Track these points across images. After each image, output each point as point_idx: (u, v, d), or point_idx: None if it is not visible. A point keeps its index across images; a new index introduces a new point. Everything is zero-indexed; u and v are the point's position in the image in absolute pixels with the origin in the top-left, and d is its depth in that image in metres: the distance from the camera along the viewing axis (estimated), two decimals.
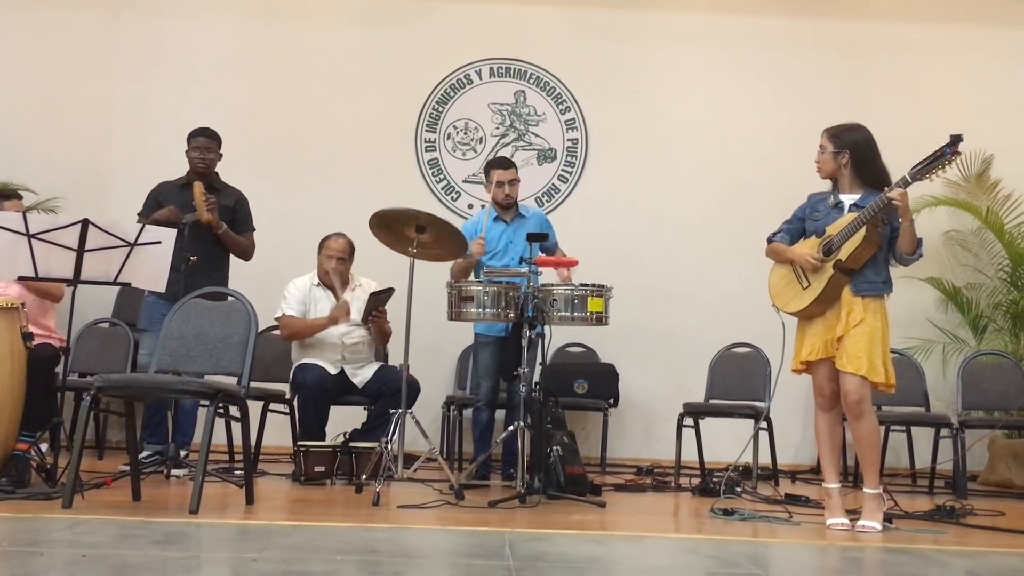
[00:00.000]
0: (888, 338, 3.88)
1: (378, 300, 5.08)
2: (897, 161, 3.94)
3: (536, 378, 4.62)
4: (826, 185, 4.06)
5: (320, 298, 5.30)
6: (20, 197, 5.09)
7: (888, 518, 3.95)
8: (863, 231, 3.76)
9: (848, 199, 3.92)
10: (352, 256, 5.38)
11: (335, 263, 5.27)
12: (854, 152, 3.90)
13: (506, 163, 5.22)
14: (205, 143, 5.09)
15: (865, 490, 3.86)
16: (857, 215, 3.79)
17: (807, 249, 3.94)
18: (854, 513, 3.88)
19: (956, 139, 3.69)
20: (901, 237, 3.80)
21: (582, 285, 4.53)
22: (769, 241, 4.10)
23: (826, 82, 6.80)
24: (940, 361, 6.35)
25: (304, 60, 6.87)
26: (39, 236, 3.97)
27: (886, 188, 3.75)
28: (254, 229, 5.26)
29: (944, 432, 5.62)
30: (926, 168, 3.74)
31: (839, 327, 3.82)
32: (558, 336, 6.17)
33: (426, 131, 6.87)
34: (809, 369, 3.97)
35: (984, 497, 5.27)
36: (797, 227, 4.06)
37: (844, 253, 3.80)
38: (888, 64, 6.85)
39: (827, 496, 3.95)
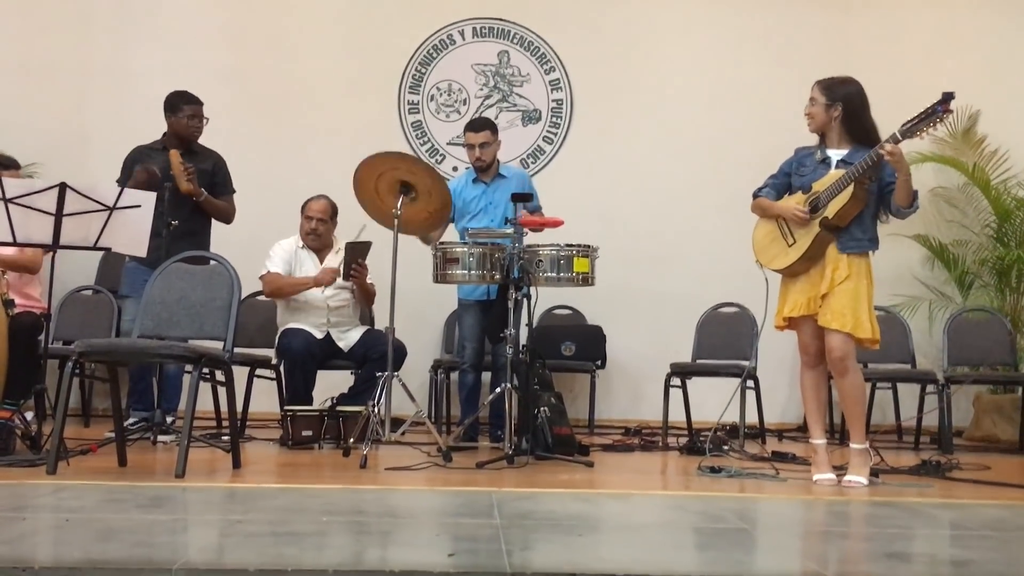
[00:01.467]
0: (872, 295, 3.87)
1: (356, 251, 5.00)
2: (881, 117, 3.89)
3: (523, 340, 4.60)
4: (813, 140, 4.03)
5: (305, 260, 5.27)
6: (19, 167, 5.01)
7: (874, 473, 3.97)
8: (851, 188, 3.73)
9: (835, 154, 3.88)
10: (334, 218, 5.33)
11: (315, 224, 5.22)
12: (847, 105, 3.85)
13: (476, 125, 5.15)
14: (200, 110, 5.03)
15: (851, 445, 3.87)
16: (845, 172, 3.75)
17: (793, 204, 3.91)
18: (841, 469, 3.89)
19: (948, 96, 3.65)
20: (897, 191, 3.76)
21: (568, 245, 4.50)
22: (755, 196, 4.05)
23: (810, 39, 6.73)
24: (926, 318, 6.37)
25: (284, 21, 6.75)
26: (15, 200, 3.90)
27: (878, 145, 3.71)
28: (234, 191, 5.20)
29: (930, 388, 5.64)
30: (917, 125, 3.70)
31: (823, 284, 3.80)
32: (545, 298, 6.14)
33: (409, 93, 6.78)
34: (792, 326, 3.95)
35: (969, 452, 5.30)
36: (783, 182, 4.02)
37: (831, 211, 3.77)
38: (872, 19, 6.79)
39: (813, 452, 3.97)
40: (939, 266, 6.55)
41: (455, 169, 6.65)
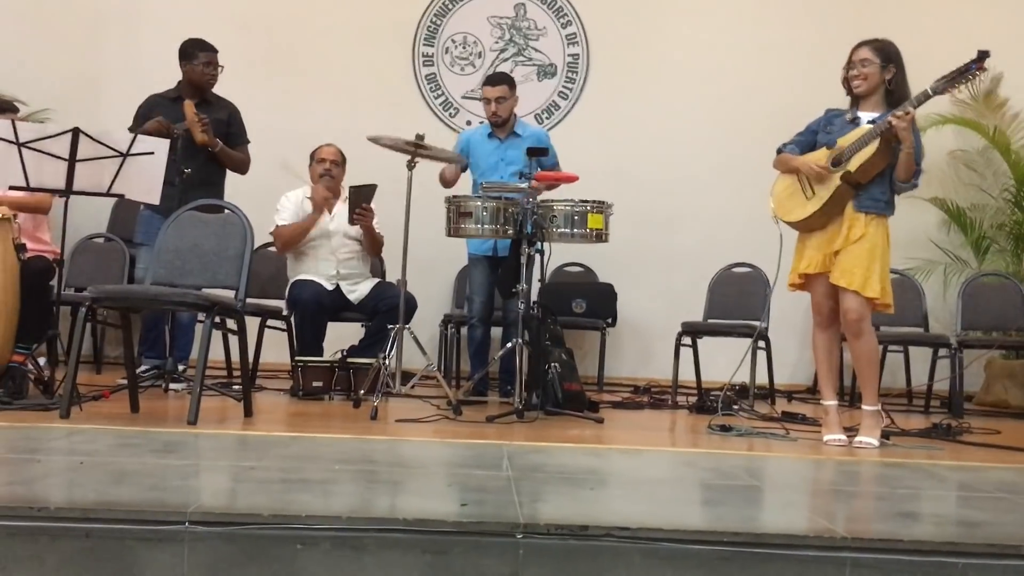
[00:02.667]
0: (888, 257, 3.82)
1: (360, 194, 4.97)
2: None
3: (535, 296, 4.59)
4: (834, 101, 3.96)
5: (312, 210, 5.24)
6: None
7: (885, 435, 3.96)
8: (876, 143, 3.67)
9: (866, 116, 3.79)
10: (343, 165, 5.30)
11: (329, 165, 5.20)
12: (898, 68, 3.77)
13: (493, 79, 5.15)
14: (215, 58, 4.99)
15: (864, 407, 3.86)
16: (872, 127, 3.69)
17: (815, 159, 3.85)
18: (852, 431, 3.89)
19: (983, 55, 3.59)
20: (899, 164, 3.71)
21: (582, 201, 4.47)
22: (779, 152, 3.99)
23: None
24: (941, 282, 6.33)
25: None
26: (29, 145, 3.89)
27: (900, 106, 3.65)
28: (248, 142, 5.16)
29: (942, 352, 5.62)
30: (951, 82, 3.64)
31: (839, 241, 3.76)
32: (557, 255, 6.12)
33: (424, 45, 6.70)
34: (806, 286, 3.91)
35: (980, 416, 5.30)
36: (809, 139, 3.94)
37: (853, 165, 3.71)
38: None
39: (824, 413, 3.96)
40: (955, 230, 6.50)
41: (468, 123, 6.59)
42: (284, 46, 6.60)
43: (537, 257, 4.51)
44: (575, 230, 4.46)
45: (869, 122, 3.76)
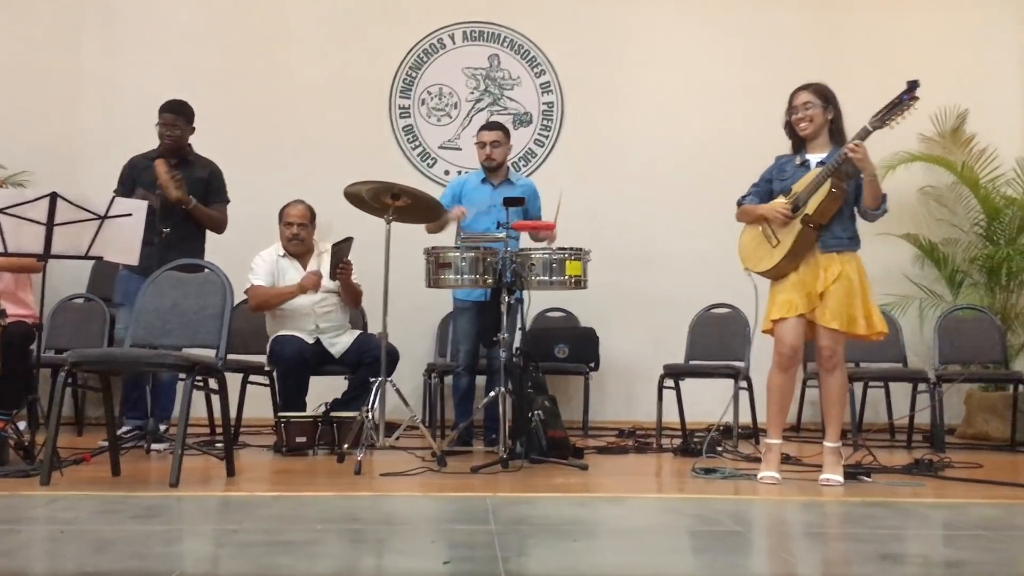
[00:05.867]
0: (867, 288, 3.90)
1: (340, 250, 5.00)
2: (868, 116, 3.92)
3: (517, 343, 4.61)
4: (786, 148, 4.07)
5: (287, 268, 5.26)
6: None
7: (867, 472, 4.00)
8: (828, 184, 3.78)
9: (814, 158, 3.94)
10: (313, 222, 5.32)
11: (296, 228, 5.21)
12: (837, 111, 3.93)
13: (491, 125, 5.31)
14: (171, 119, 5.00)
15: (826, 444, 3.91)
16: (822, 169, 3.81)
17: (776, 206, 3.94)
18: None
19: (913, 84, 3.72)
20: (864, 191, 3.81)
21: (560, 249, 4.51)
22: (739, 204, 4.11)
23: (798, 40, 6.76)
24: (917, 317, 6.40)
25: (275, 27, 6.75)
26: (7, 211, 3.90)
27: (848, 141, 3.77)
28: (228, 201, 5.19)
29: (922, 387, 5.67)
30: (885, 116, 3.76)
31: (819, 283, 3.84)
32: (538, 301, 6.18)
33: (400, 97, 6.79)
34: (775, 329, 3.97)
35: (961, 450, 5.33)
36: (765, 188, 4.07)
37: (811, 207, 3.82)
38: (859, 20, 6.83)
39: (767, 450, 3.98)
40: (929, 264, 6.59)
41: (447, 173, 6.66)
42: (261, 102, 6.66)
43: (517, 305, 4.55)
44: (553, 277, 4.49)
45: (818, 163, 3.87)
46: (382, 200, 4.52)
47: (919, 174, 6.62)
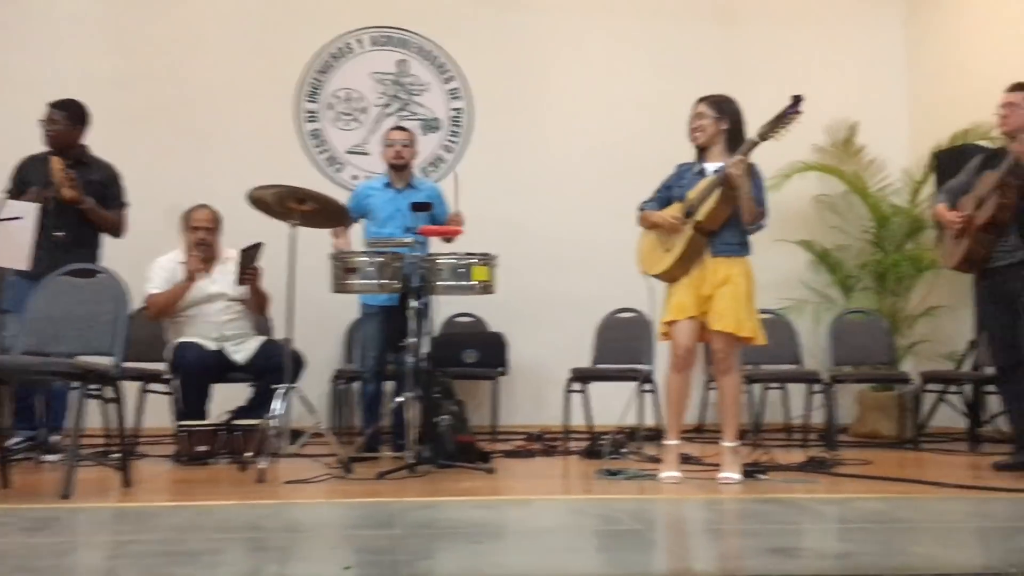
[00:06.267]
0: (754, 295, 4.04)
1: (249, 256, 4.92)
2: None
3: (425, 348, 4.62)
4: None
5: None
6: None
7: (763, 470, 4.14)
8: (718, 192, 3.91)
9: (711, 166, 4.06)
10: (219, 227, 5.22)
11: (202, 234, 5.10)
12: (732, 121, 4.04)
13: (401, 127, 5.32)
14: (49, 113, 4.83)
15: (724, 443, 4.03)
16: (713, 178, 3.94)
17: (670, 213, 4.07)
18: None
19: (797, 99, 3.89)
20: (741, 207, 3.94)
21: (467, 254, 4.53)
22: (641, 210, 4.23)
23: (700, 51, 6.96)
24: (812, 320, 6.63)
25: (175, 26, 6.60)
26: None
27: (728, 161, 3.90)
28: (126, 205, 5.04)
29: (816, 387, 5.88)
30: (771, 128, 3.92)
31: (706, 287, 3.97)
32: (447, 306, 6.18)
33: (306, 101, 6.71)
34: (670, 331, 4.08)
35: (853, 448, 5.55)
36: (665, 195, 4.20)
37: (702, 214, 3.96)
38: (757, 34, 7.07)
39: (666, 451, 4.09)
40: (823, 270, 6.84)
41: (355, 178, 6.61)
42: (162, 104, 6.49)
43: (425, 310, 4.56)
44: (461, 282, 4.50)
45: (714, 172, 4.00)
46: (287, 205, 4.47)
47: (813, 183, 6.87)
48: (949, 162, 5.86)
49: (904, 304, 6.61)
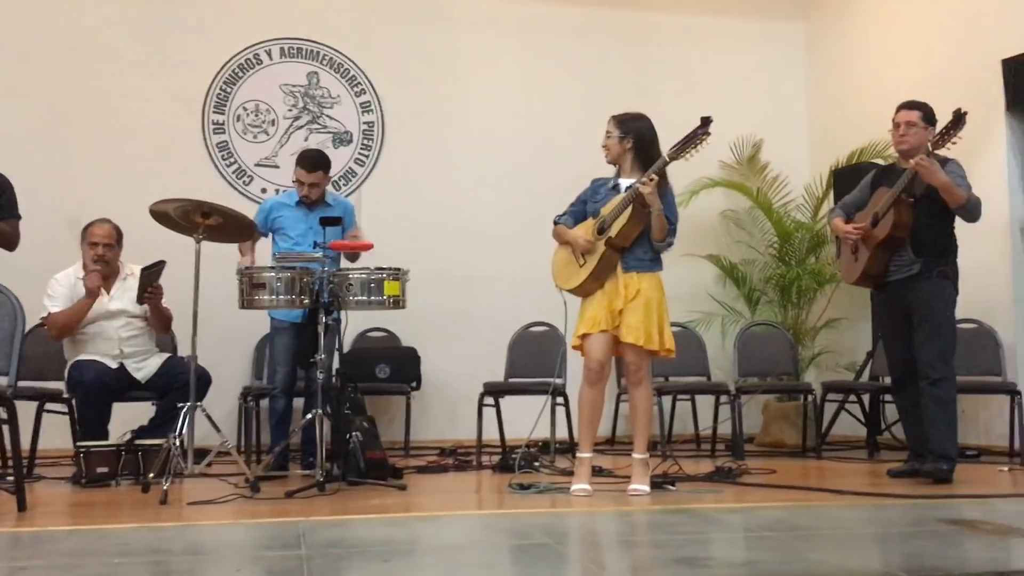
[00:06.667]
0: (665, 308, 4.12)
1: (151, 275, 4.79)
2: (674, 142, 4.16)
3: (336, 364, 4.56)
4: (611, 171, 4.26)
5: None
6: None
7: (671, 481, 4.21)
8: (630, 209, 3.99)
9: (625, 183, 4.14)
10: (120, 242, 5.06)
11: (101, 249, 4.94)
12: (638, 138, 4.12)
13: (309, 164, 5.02)
14: None
15: (635, 455, 4.10)
16: (625, 195, 4.01)
17: (583, 231, 4.15)
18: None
19: (706, 121, 4.01)
20: (652, 223, 4.03)
21: (378, 269, 4.50)
22: (555, 223, 4.27)
23: (611, 69, 7.09)
24: (720, 332, 6.80)
25: (76, 35, 6.39)
26: None
27: (640, 179, 3.98)
28: (19, 217, 4.84)
29: (724, 399, 6.02)
30: (682, 148, 4.04)
31: (619, 300, 4.03)
32: (359, 321, 6.14)
33: (214, 113, 6.58)
34: (583, 345, 4.13)
35: (759, 457, 5.70)
36: (580, 209, 4.26)
37: (614, 230, 4.03)
38: (667, 54, 7.24)
39: (579, 464, 4.12)
40: (730, 283, 7.02)
41: (264, 191, 6.51)
42: (60, 114, 6.27)
43: (336, 325, 4.51)
44: (372, 297, 4.46)
45: (627, 187, 4.08)
46: (192, 219, 4.37)
47: (720, 199, 7.06)
48: (847, 179, 6.09)
49: (806, 317, 6.83)
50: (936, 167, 4.24)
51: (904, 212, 4.37)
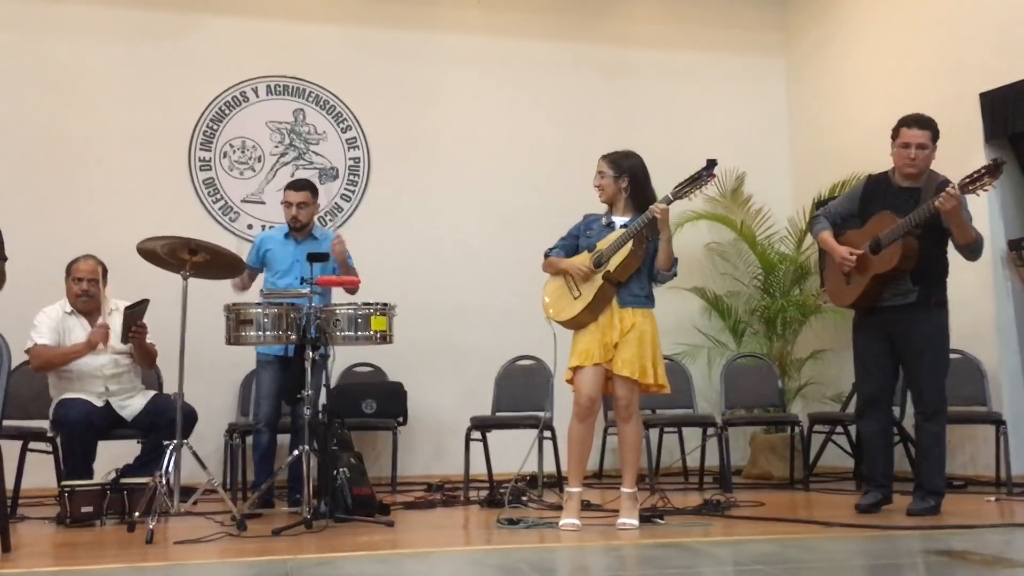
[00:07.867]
0: (658, 343, 4.13)
1: (135, 314, 4.79)
2: (657, 178, 4.21)
3: (323, 400, 4.55)
4: (600, 206, 4.30)
5: (74, 326, 4.95)
6: None
7: (660, 515, 4.20)
8: (630, 244, 4.01)
9: (619, 220, 4.16)
10: (105, 278, 5.05)
11: (86, 285, 4.93)
12: (632, 177, 4.15)
13: (296, 185, 5.22)
14: None
15: (624, 489, 4.09)
16: (625, 230, 4.03)
17: (580, 261, 4.14)
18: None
19: (712, 163, 4.01)
20: (659, 252, 4.06)
21: (365, 304, 4.50)
22: (546, 255, 4.29)
23: (595, 104, 7.17)
24: (706, 364, 6.82)
25: (61, 73, 6.40)
26: None
27: (652, 206, 4.01)
28: (6, 259, 4.82)
29: (711, 431, 6.03)
30: (686, 188, 4.04)
31: (614, 334, 4.04)
32: (346, 356, 6.13)
33: (200, 150, 6.61)
34: (575, 378, 4.13)
35: (747, 489, 5.70)
36: (571, 243, 4.28)
37: (612, 265, 4.04)
38: (651, 89, 7.33)
39: (568, 498, 4.11)
40: (715, 316, 7.05)
41: (250, 227, 6.52)
42: (48, 151, 6.28)
43: (323, 361, 4.50)
44: (359, 332, 4.46)
45: (622, 226, 4.11)
46: (179, 256, 4.38)
47: (705, 231, 7.11)
48: None
49: (792, 348, 6.87)
50: (960, 207, 4.08)
51: (912, 244, 4.21)
